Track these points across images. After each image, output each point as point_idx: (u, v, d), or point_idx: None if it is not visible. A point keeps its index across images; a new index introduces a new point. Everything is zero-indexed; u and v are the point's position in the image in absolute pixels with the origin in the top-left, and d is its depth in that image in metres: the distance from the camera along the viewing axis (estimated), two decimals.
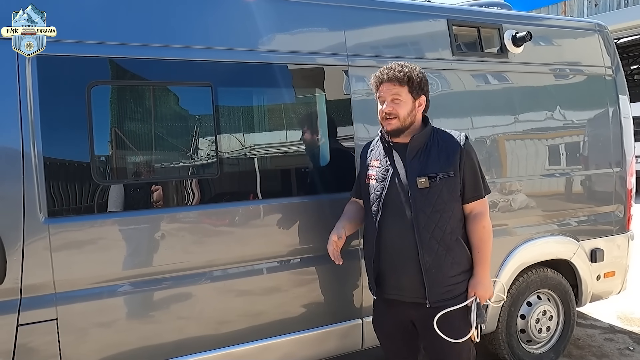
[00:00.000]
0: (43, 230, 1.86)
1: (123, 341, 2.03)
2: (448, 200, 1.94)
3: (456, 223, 1.98)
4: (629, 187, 3.32)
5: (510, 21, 2.96)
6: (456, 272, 1.97)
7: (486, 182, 2.06)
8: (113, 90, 2.08)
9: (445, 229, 1.94)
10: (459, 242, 1.98)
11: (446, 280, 1.96)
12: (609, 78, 3.29)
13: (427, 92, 2.02)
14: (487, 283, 1.99)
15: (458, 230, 1.99)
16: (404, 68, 1.95)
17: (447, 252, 1.95)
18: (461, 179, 1.96)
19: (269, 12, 2.33)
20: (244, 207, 2.27)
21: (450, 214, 1.96)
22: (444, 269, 1.95)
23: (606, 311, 4.15)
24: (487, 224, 2.01)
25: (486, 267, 2.00)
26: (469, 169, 1.98)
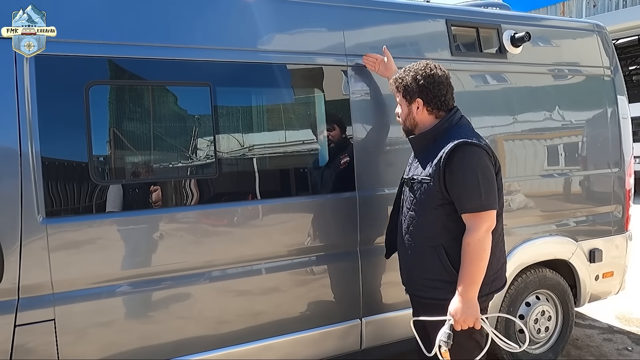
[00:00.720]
0: (41, 231, 1.85)
1: (121, 342, 2.02)
2: (424, 206, 1.93)
3: (438, 231, 1.91)
4: (627, 187, 3.33)
5: (509, 21, 2.96)
6: (429, 277, 1.94)
7: (480, 197, 1.82)
8: (111, 90, 2.08)
9: (419, 232, 1.96)
10: (437, 250, 1.90)
11: (418, 280, 2.02)
12: (608, 78, 3.29)
13: (423, 93, 1.97)
14: (462, 305, 1.81)
15: (438, 238, 1.91)
16: (400, 74, 2.05)
17: (417, 255, 1.97)
18: (442, 187, 1.87)
19: (267, 12, 2.32)
20: (242, 207, 2.26)
21: (426, 219, 1.93)
22: (416, 268, 2.02)
23: (605, 311, 4.15)
24: (473, 242, 1.81)
25: (466, 287, 1.82)
26: (453, 180, 1.85)
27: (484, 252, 1.83)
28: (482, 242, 1.83)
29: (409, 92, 2.01)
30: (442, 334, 1.85)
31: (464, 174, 1.84)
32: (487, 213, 1.85)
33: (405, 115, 2.05)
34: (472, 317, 1.83)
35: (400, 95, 2.05)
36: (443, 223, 1.91)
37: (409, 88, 2.00)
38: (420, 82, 1.97)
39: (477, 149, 1.87)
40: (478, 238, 1.82)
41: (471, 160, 1.85)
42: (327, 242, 2.42)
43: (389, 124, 2.57)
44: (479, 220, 1.83)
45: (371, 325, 2.53)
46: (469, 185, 1.84)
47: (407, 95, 2.02)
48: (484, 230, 1.83)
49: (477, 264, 1.83)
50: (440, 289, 1.91)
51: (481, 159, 1.87)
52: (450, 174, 1.86)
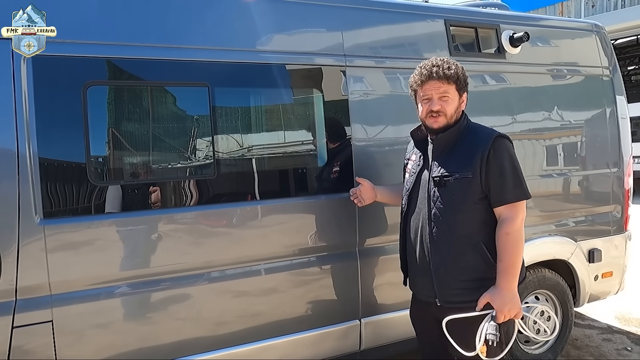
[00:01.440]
0: (39, 232, 1.85)
1: (120, 343, 2.02)
2: (463, 202, 1.87)
3: (476, 227, 1.87)
4: (626, 187, 3.33)
5: (508, 22, 2.96)
6: (469, 277, 1.87)
7: (521, 186, 1.86)
8: (109, 91, 2.07)
9: (458, 230, 1.88)
10: (477, 247, 1.86)
11: (456, 282, 1.89)
12: (607, 78, 3.30)
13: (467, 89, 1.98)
14: (507, 296, 1.79)
15: (479, 234, 1.87)
16: (451, 65, 1.92)
17: (458, 255, 1.88)
18: (483, 181, 1.84)
19: (266, 12, 2.32)
20: (241, 208, 2.26)
21: (466, 216, 1.87)
22: (454, 271, 1.89)
23: (604, 311, 4.15)
24: (512, 231, 1.81)
25: (508, 277, 1.80)
26: (495, 171, 1.84)
27: (521, 242, 1.86)
28: (520, 231, 1.85)
29: (461, 84, 1.93)
30: (490, 327, 1.78)
31: (505, 165, 1.86)
32: (523, 202, 1.88)
33: (454, 108, 1.92)
34: (517, 307, 1.81)
35: (454, 87, 1.91)
36: (482, 218, 1.88)
37: (461, 80, 1.92)
38: (466, 77, 1.95)
39: (507, 141, 1.91)
40: (517, 228, 1.83)
41: (508, 152, 1.88)
42: (326, 242, 2.42)
43: (388, 124, 2.57)
44: (517, 209, 1.85)
45: (370, 326, 2.52)
46: (507, 176, 1.85)
47: (461, 88, 1.94)
48: (520, 219, 1.86)
49: (518, 253, 1.84)
50: (479, 288, 1.86)
51: (512, 149, 1.91)
52: (489, 166, 1.85)
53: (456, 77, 1.91)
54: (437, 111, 1.92)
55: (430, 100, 1.93)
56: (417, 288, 2.07)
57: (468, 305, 1.87)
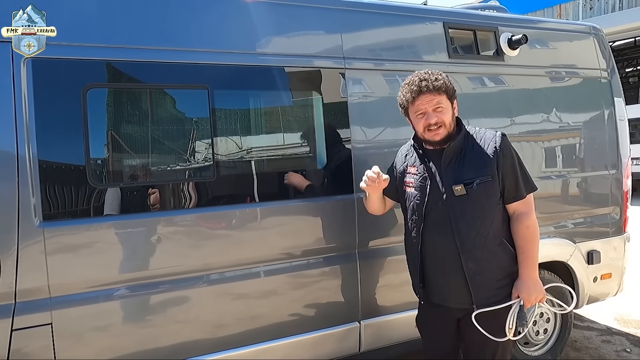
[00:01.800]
0: (38, 234, 1.85)
1: (119, 345, 2.01)
2: (488, 205, 1.90)
3: (499, 226, 1.93)
4: (624, 189, 3.33)
5: (506, 24, 2.97)
6: (502, 276, 1.95)
7: (529, 179, 1.98)
8: (109, 93, 2.07)
9: (488, 234, 1.91)
10: (503, 245, 1.94)
11: (492, 284, 1.94)
12: (605, 80, 3.31)
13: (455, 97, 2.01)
14: (532, 285, 1.91)
15: (501, 232, 1.94)
16: (437, 76, 1.93)
17: (490, 257, 1.92)
18: (500, 181, 1.91)
19: (265, 14, 2.32)
20: (241, 210, 2.26)
21: (491, 218, 1.91)
22: (489, 274, 1.93)
23: (603, 313, 4.15)
24: (532, 224, 1.93)
25: (532, 268, 1.92)
26: (508, 169, 1.92)
27: (538, 232, 1.97)
28: (536, 222, 1.97)
29: (451, 93, 1.95)
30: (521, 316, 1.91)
31: (513, 162, 1.94)
32: (532, 194, 1.98)
33: (450, 118, 1.95)
34: (542, 293, 1.93)
35: (445, 97, 1.93)
36: (502, 216, 1.96)
37: (450, 89, 1.94)
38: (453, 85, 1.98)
39: (507, 138, 1.98)
40: (534, 219, 1.95)
41: (512, 149, 1.97)
42: (326, 244, 2.42)
43: (388, 127, 2.57)
44: (530, 202, 1.97)
45: (370, 328, 2.52)
46: (518, 172, 1.95)
47: (451, 97, 1.95)
48: (533, 210, 1.97)
49: (537, 244, 1.96)
50: (509, 284, 1.96)
51: (512, 146, 1.98)
52: (503, 165, 1.92)
53: (445, 87, 1.93)
54: (435, 123, 1.92)
55: (425, 114, 1.94)
56: (445, 297, 2.02)
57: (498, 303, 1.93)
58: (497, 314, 1.92)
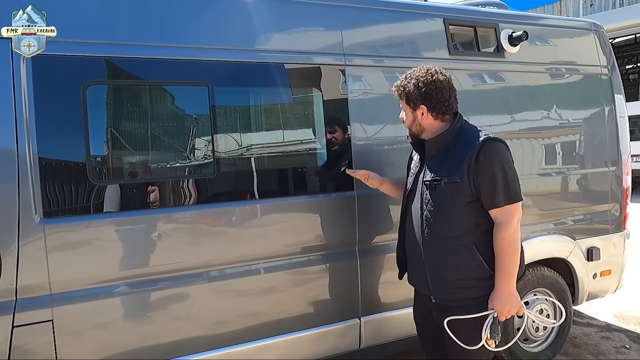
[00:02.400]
0: (38, 231, 1.85)
1: (120, 342, 2.02)
2: (453, 206, 1.91)
3: (466, 228, 1.91)
4: (624, 185, 3.34)
5: (507, 21, 2.97)
6: (462, 277, 1.92)
7: (511, 189, 1.86)
8: (109, 90, 2.07)
9: (449, 232, 1.92)
10: (468, 248, 1.90)
11: (449, 282, 1.95)
12: (605, 77, 3.30)
13: (427, 100, 1.96)
14: (505, 297, 1.86)
15: (470, 235, 1.90)
16: (401, 81, 2.01)
17: (449, 255, 1.93)
18: (471, 184, 1.87)
19: (265, 11, 2.32)
20: (241, 207, 2.26)
21: (457, 219, 1.91)
22: (446, 271, 1.94)
23: (602, 310, 4.16)
24: (508, 235, 1.84)
25: (505, 280, 1.86)
26: (485, 174, 1.86)
27: (518, 244, 1.89)
28: (516, 234, 1.87)
29: (411, 99, 1.99)
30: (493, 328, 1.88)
31: (493, 169, 1.87)
32: (517, 205, 1.89)
33: (410, 122, 2.04)
34: (516, 307, 1.89)
35: (404, 102, 2.03)
36: (473, 220, 1.91)
37: (411, 95, 1.98)
38: (422, 89, 1.95)
39: (500, 144, 1.92)
40: (512, 231, 1.85)
41: (497, 155, 1.89)
42: (326, 241, 2.42)
43: (388, 123, 2.57)
44: (510, 212, 1.86)
45: (370, 324, 2.53)
46: (498, 179, 1.86)
47: (411, 103, 2.00)
48: (516, 222, 1.87)
49: (514, 256, 1.87)
50: (474, 287, 1.91)
51: (504, 152, 1.91)
52: (478, 169, 1.87)
53: (402, 93, 2.01)
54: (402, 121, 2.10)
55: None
56: (415, 282, 2.15)
57: (462, 303, 1.93)
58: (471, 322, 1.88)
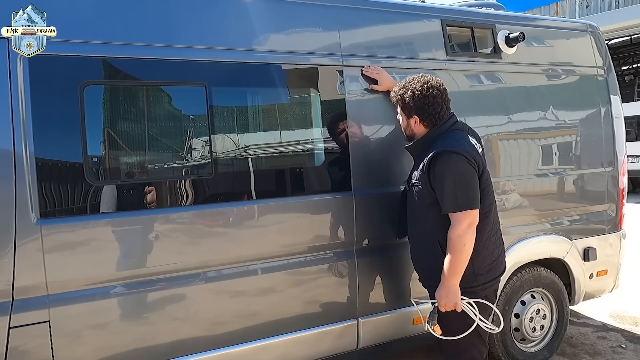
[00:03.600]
0: (35, 232, 1.84)
1: (117, 343, 2.01)
2: (419, 206, 2.20)
3: (433, 227, 2.15)
4: (620, 186, 3.35)
5: (504, 22, 2.98)
6: (427, 267, 2.24)
7: (458, 199, 2.05)
8: (106, 90, 2.06)
9: (421, 228, 2.23)
10: (434, 245, 2.15)
11: (420, 269, 2.33)
12: (601, 78, 3.32)
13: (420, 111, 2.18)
14: (443, 291, 2.09)
15: (434, 233, 2.15)
16: (399, 90, 2.23)
17: (422, 250, 2.26)
18: (430, 190, 2.12)
19: (263, 12, 2.32)
20: (238, 208, 2.26)
21: (424, 218, 2.19)
22: (420, 260, 2.30)
23: (599, 309, 4.18)
24: (453, 237, 2.05)
25: (448, 275, 2.07)
26: (436, 183, 2.09)
27: (463, 247, 2.05)
28: (462, 237, 2.05)
29: (406, 108, 2.22)
30: (430, 314, 2.16)
31: (442, 179, 2.08)
32: (465, 212, 2.06)
33: (404, 126, 2.30)
34: (452, 301, 2.08)
35: (400, 109, 2.26)
36: (436, 219, 2.14)
37: (407, 105, 2.21)
38: (417, 102, 2.17)
39: (454, 155, 2.07)
40: (458, 234, 2.05)
41: (447, 166, 2.07)
42: (323, 242, 2.42)
43: (385, 124, 2.57)
44: (458, 218, 2.06)
45: (368, 325, 2.53)
46: (445, 189, 2.07)
47: (405, 111, 2.24)
48: (465, 226, 2.05)
49: (457, 256, 2.05)
50: (434, 277, 2.15)
51: (457, 164, 2.07)
52: (433, 178, 2.10)
53: (399, 101, 2.23)
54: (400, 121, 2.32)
55: None
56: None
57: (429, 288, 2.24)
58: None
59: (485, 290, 2.19)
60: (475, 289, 2.14)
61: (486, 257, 2.16)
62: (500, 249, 2.28)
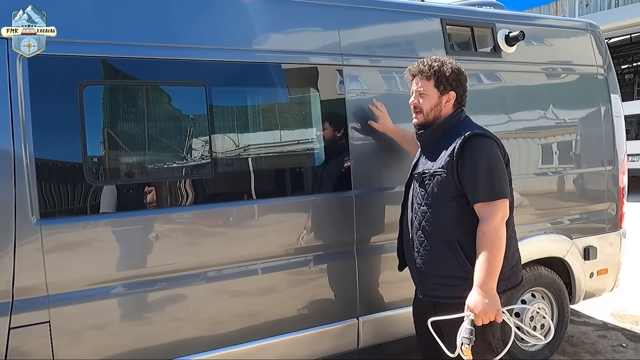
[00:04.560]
0: (35, 232, 1.84)
1: (117, 343, 2.01)
2: (437, 200, 1.90)
3: (449, 224, 1.89)
4: (621, 185, 3.35)
5: (504, 21, 2.97)
6: (443, 274, 1.89)
7: (496, 186, 1.81)
8: (105, 90, 2.06)
9: (432, 226, 1.91)
10: (451, 244, 1.87)
11: (430, 277, 1.94)
12: (601, 77, 3.32)
13: (458, 88, 1.97)
14: (480, 297, 1.74)
15: (453, 232, 1.88)
16: (433, 62, 1.96)
17: (432, 250, 1.92)
18: (456, 179, 1.86)
19: (263, 11, 2.32)
20: (238, 207, 2.26)
21: (439, 213, 1.89)
22: (428, 265, 1.94)
23: (599, 308, 4.18)
24: (489, 231, 1.78)
25: (484, 277, 1.75)
26: (468, 169, 1.83)
27: (500, 241, 1.79)
28: (498, 230, 1.79)
29: (442, 82, 1.94)
30: (464, 330, 1.73)
31: (477, 164, 1.83)
32: (501, 202, 1.82)
33: (432, 106, 1.96)
34: (494, 309, 1.74)
35: (432, 84, 1.95)
36: (457, 216, 1.88)
37: (444, 78, 1.93)
38: (457, 75, 1.96)
39: (488, 140, 1.88)
40: (494, 226, 1.78)
41: (482, 150, 1.85)
42: (323, 241, 2.42)
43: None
44: (493, 208, 1.81)
45: (368, 324, 2.53)
46: (481, 175, 1.82)
47: (441, 85, 1.94)
48: (499, 219, 1.81)
49: (495, 252, 1.77)
50: (455, 286, 1.86)
51: (492, 148, 1.87)
52: (463, 164, 1.85)
53: (436, 75, 1.94)
54: (414, 106, 2.01)
55: (412, 93, 2.04)
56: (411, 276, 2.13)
57: (443, 300, 1.91)
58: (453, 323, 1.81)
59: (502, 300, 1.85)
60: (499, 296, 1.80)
61: (508, 259, 1.89)
62: (518, 256, 2.03)
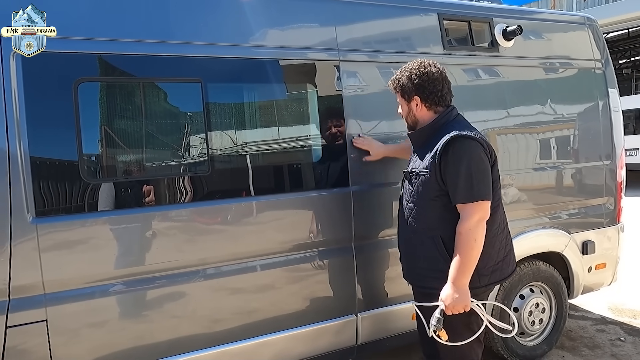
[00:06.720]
0: (31, 231, 1.83)
1: (115, 341, 2.01)
2: (422, 198, 2.02)
3: (433, 221, 1.99)
4: (619, 179, 3.35)
5: (501, 15, 2.96)
6: (426, 266, 2.03)
7: (474, 189, 1.88)
8: (101, 87, 2.05)
9: (418, 223, 2.04)
10: (435, 240, 1.98)
11: (415, 268, 2.11)
12: (599, 72, 3.31)
13: (420, 90, 2.04)
14: (450, 289, 1.88)
15: (438, 229, 1.98)
16: (398, 74, 2.11)
17: (417, 245, 2.06)
18: (439, 179, 1.94)
19: (259, 7, 2.30)
20: (236, 204, 2.25)
21: (425, 211, 2.01)
22: (414, 257, 2.10)
23: (598, 303, 4.19)
24: (464, 231, 1.87)
25: (455, 273, 1.88)
26: (449, 171, 1.92)
27: (474, 242, 1.88)
28: (472, 231, 1.88)
29: (405, 91, 2.08)
30: (433, 317, 1.93)
31: (457, 166, 1.90)
32: (479, 203, 1.89)
33: (406, 114, 2.14)
34: (462, 303, 1.89)
35: (399, 95, 2.12)
36: (440, 213, 1.97)
37: (405, 87, 2.07)
38: (415, 81, 2.04)
39: (471, 141, 1.93)
40: (469, 227, 1.88)
41: (464, 152, 1.91)
42: (322, 238, 2.41)
43: (383, 119, 2.56)
44: (470, 210, 1.89)
45: (367, 320, 2.53)
46: (460, 176, 1.89)
47: (405, 95, 2.09)
48: (476, 220, 1.88)
49: (468, 252, 1.88)
50: (439, 278, 1.95)
51: (474, 150, 1.92)
52: (445, 165, 1.93)
53: (397, 86, 2.11)
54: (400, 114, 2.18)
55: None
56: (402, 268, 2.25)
57: (427, 290, 2.05)
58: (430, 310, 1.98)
59: (485, 293, 2.05)
60: (477, 290, 1.95)
61: (492, 256, 1.98)
62: (507, 250, 2.08)
